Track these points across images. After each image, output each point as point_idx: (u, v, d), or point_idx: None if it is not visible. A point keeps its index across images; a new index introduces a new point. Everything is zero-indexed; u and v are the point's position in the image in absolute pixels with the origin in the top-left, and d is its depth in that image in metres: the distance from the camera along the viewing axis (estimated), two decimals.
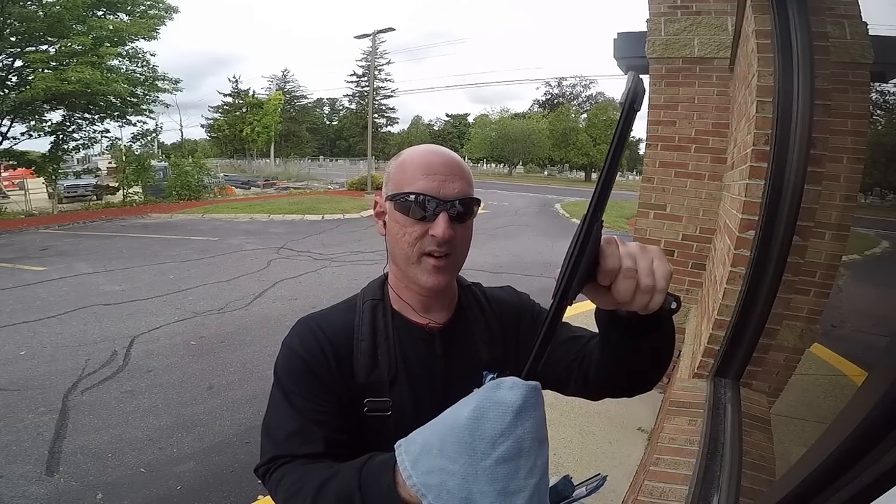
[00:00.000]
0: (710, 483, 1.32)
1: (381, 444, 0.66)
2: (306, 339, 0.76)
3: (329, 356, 0.74)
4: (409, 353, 0.78)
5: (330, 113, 57.28)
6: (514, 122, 40.15)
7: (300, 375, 0.74)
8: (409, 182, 0.71)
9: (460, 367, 0.80)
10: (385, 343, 0.77)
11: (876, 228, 2.34)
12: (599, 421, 2.96)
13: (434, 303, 0.80)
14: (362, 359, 0.75)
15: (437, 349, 0.79)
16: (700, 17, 2.93)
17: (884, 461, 0.52)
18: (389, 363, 0.76)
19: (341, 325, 0.78)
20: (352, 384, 0.74)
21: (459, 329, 0.82)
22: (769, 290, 1.67)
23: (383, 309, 0.80)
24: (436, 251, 0.71)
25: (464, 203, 0.72)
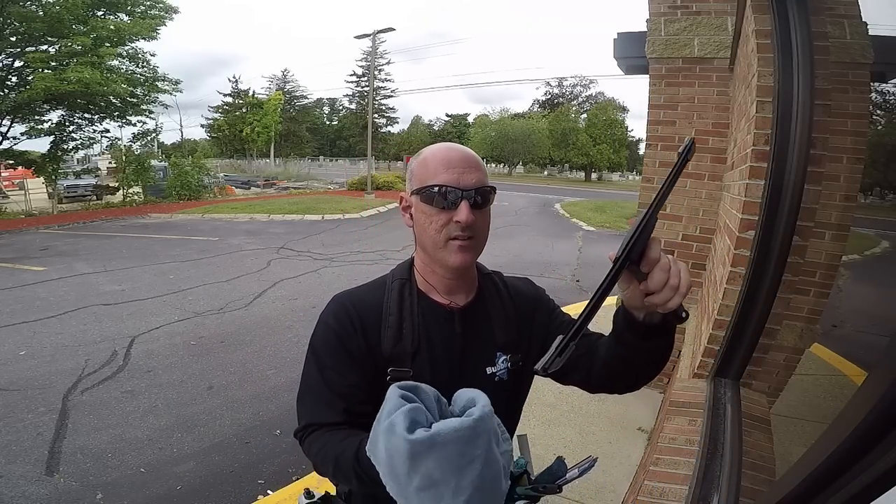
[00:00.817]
0: (710, 483, 1.32)
1: None
2: (341, 316, 0.85)
3: (359, 331, 0.83)
4: (432, 329, 0.86)
5: (330, 113, 57.28)
6: (514, 122, 40.12)
7: (334, 349, 0.84)
8: (431, 176, 0.81)
9: (477, 346, 0.87)
10: (410, 319, 0.85)
11: (876, 228, 2.34)
12: (599, 421, 2.96)
13: (456, 285, 0.88)
14: (389, 332, 0.84)
15: (457, 328, 0.87)
16: (700, 17, 2.93)
17: (884, 461, 0.52)
18: (413, 337, 0.84)
19: (372, 301, 0.87)
20: (378, 355, 0.83)
21: (479, 311, 0.89)
22: (769, 290, 1.67)
23: (410, 288, 0.88)
24: (460, 235, 0.80)
25: (481, 191, 0.82)
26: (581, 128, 38.97)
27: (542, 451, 2.62)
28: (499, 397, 0.81)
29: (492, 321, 0.90)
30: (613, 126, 38.26)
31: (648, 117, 3.13)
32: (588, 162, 38.68)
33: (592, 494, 2.29)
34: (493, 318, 0.90)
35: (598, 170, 40.65)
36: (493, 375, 0.88)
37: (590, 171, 40.57)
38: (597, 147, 37.48)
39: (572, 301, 5.61)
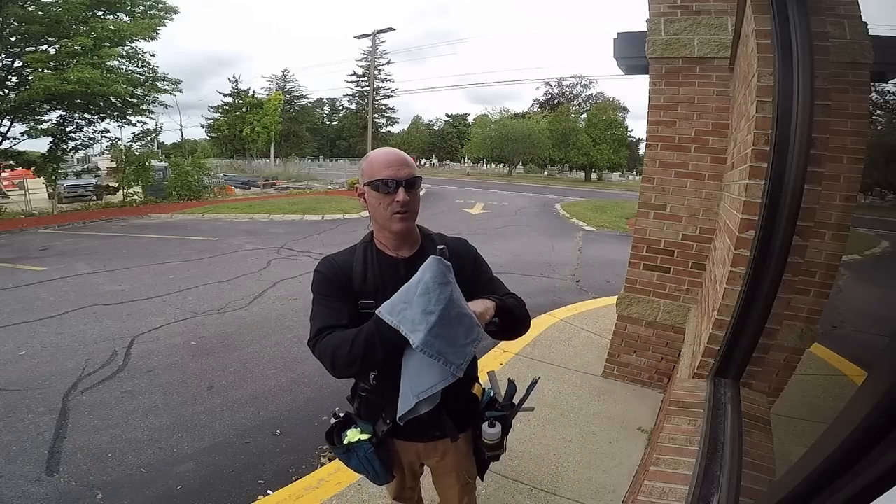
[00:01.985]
0: (710, 483, 1.32)
1: None
2: (328, 266, 1.29)
3: (340, 275, 1.27)
4: (385, 274, 1.27)
5: (330, 113, 57.26)
6: (513, 122, 40.11)
7: (327, 285, 1.27)
8: (377, 172, 1.21)
9: None
10: (371, 267, 1.28)
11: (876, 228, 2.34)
12: (599, 421, 2.96)
13: (401, 243, 1.30)
14: (357, 277, 1.26)
15: (402, 272, 1.25)
16: (700, 17, 2.92)
17: (884, 461, 0.52)
18: (374, 279, 1.26)
19: (346, 258, 1.30)
20: (351, 292, 1.26)
21: (418, 261, 1.19)
22: (769, 290, 1.67)
23: (371, 248, 1.31)
24: (400, 210, 1.21)
25: (411, 181, 1.22)
26: (581, 128, 38.94)
27: (542, 451, 2.63)
28: None
29: None
30: (613, 126, 38.24)
31: (648, 117, 3.13)
32: (588, 162, 38.66)
33: (592, 494, 2.29)
34: None
35: (598, 170, 40.65)
36: None
37: (590, 171, 40.55)
38: (597, 147, 37.46)
39: (572, 301, 5.61)
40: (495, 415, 1.36)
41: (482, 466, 1.51)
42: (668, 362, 3.30)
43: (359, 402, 1.38)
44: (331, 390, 3.47)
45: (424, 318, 1.05)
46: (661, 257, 3.22)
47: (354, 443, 1.31)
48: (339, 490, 2.28)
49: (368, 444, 1.31)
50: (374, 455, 1.32)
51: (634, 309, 3.36)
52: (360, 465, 1.34)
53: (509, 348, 3.98)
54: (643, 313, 3.33)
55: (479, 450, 1.42)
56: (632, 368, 3.47)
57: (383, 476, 1.37)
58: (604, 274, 7.15)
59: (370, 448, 1.31)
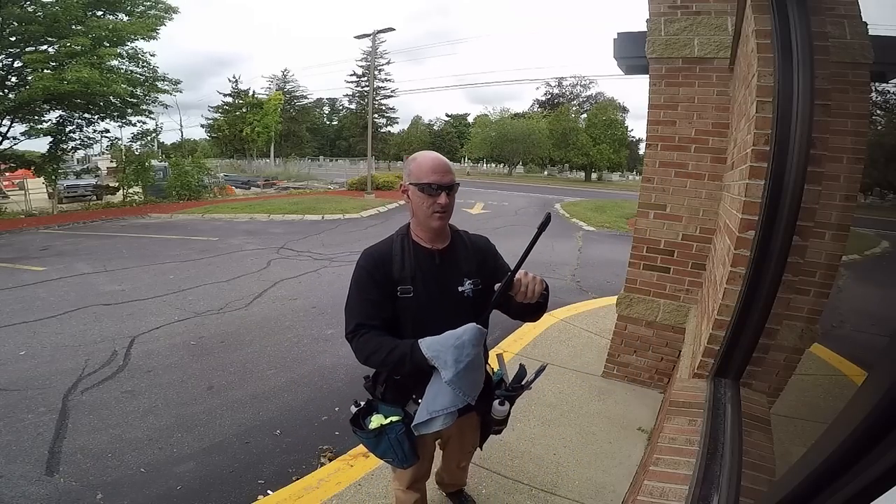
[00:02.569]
0: (710, 483, 1.32)
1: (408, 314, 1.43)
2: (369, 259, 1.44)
3: (379, 267, 1.42)
4: (422, 263, 1.44)
5: (330, 113, 57.28)
6: (513, 122, 40.10)
7: (367, 279, 1.42)
8: (424, 176, 1.37)
9: (450, 273, 1.46)
10: (408, 257, 1.43)
11: (876, 228, 2.34)
12: (599, 421, 2.96)
13: (436, 237, 1.47)
14: (396, 265, 1.42)
15: (437, 261, 1.46)
16: (700, 17, 2.92)
17: (884, 461, 0.52)
18: (411, 267, 1.42)
19: (385, 250, 1.46)
20: (391, 280, 1.41)
21: (451, 253, 1.48)
22: (769, 290, 1.67)
23: (407, 240, 1.47)
24: (440, 210, 1.38)
25: (452, 186, 1.40)
26: (581, 128, 38.94)
27: (542, 451, 2.62)
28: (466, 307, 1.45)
29: (459, 258, 1.49)
30: (613, 126, 38.23)
31: (648, 117, 3.12)
32: (588, 162, 38.67)
33: (592, 494, 2.29)
34: (459, 256, 1.49)
35: (598, 170, 40.65)
36: (462, 292, 1.46)
37: (590, 171, 40.56)
38: (597, 147, 37.46)
39: (572, 301, 5.61)
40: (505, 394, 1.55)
41: (483, 439, 1.77)
42: (668, 362, 3.30)
43: (384, 387, 1.50)
44: (330, 390, 3.47)
45: (455, 363, 1.31)
46: (661, 257, 3.22)
47: (386, 425, 1.43)
48: (340, 490, 2.28)
49: (401, 425, 1.42)
50: (405, 436, 1.43)
51: (634, 309, 3.36)
52: (388, 448, 1.45)
53: (509, 349, 3.98)
54: (643, 313, 3.33)
55: (487, 424, 1.64)
56: (632, 368, 3.47)
57: (411, 458, 1.47)
58: (604, 274, 7.15)
59: (402, 428, 1.42)
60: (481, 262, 1.49)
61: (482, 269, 1.47)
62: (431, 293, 1.42)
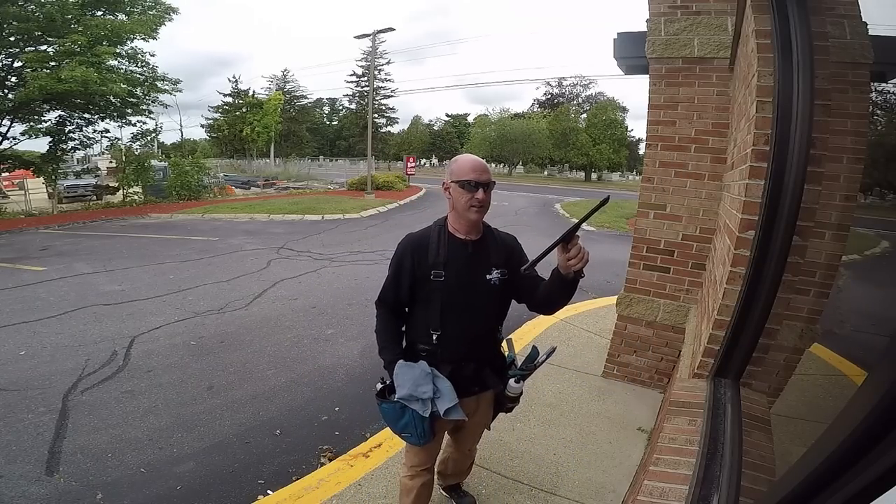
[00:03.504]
0: (710, 483, 1.32)
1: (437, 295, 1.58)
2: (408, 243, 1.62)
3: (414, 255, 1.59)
4: (456, 252, 1.58)
5: (330, 113, 57.28)
6: (513, 123, 40.10)
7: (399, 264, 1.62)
8: (465, 174, 1.51)
9: (481, 262, 1.60)
10: (444, 246, 1.58)
11: (876, 228, 2.33)
12: (599, 421, 2.96)
13: (471, 229, 1.60)
14: (432, 251, 1.57)
15: (469, 251, 1.59)
16: (700, 17, 2.92)
17: (884, 461, 0.52)
18: (445, 254, 1.57)
19: (424, 236, 1.62)
20: (426, 264, 1.57)
21: (482, 244, 1.62)
22: (769, 290, 1.67)
23: (444, 230, 1.61)
24: (477, 205, 1.52)
25: (489, 184, 1.53)
26: (581, 128, 38.94)
27: (542, 451, 2.62)
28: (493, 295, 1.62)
29: (489, 250, 1.62)
30: (613, 126, 38.22)
31: (648, 117, 3.12)
32: (588, 162, 38.66)
33: (592, 494, 2.29)
34: (490, 248, 1.63)
35: (598, 170, 40.65)
36: (489, 280, 1.60)
37: (590, 171, 40.55)
38: (596, 147, 37.45)
39: (572, 301, 5.60)
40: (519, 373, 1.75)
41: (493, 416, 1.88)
42: (668, 362, 3.30)
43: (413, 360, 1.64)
44: (330, 390, 3.47)
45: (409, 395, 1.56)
46: (661, 257, 3.22)
47: None
48: (339, 490, 2.28)
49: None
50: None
51: (634, 309, 3.36)
52: (410, 422, 1.58)
53: None
54: (643, 313, 3.33)
55: (501, 402, 1.80)
56: (632, 368, 3.47)
57: (429, 435, 1.60)
58: (604, 274, 7.15)
59: None
60: (509, 255, 1.63)
61: (509, 262, 1.61)
62: (462, 278, 1.57)
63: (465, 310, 1.58)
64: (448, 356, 1.61)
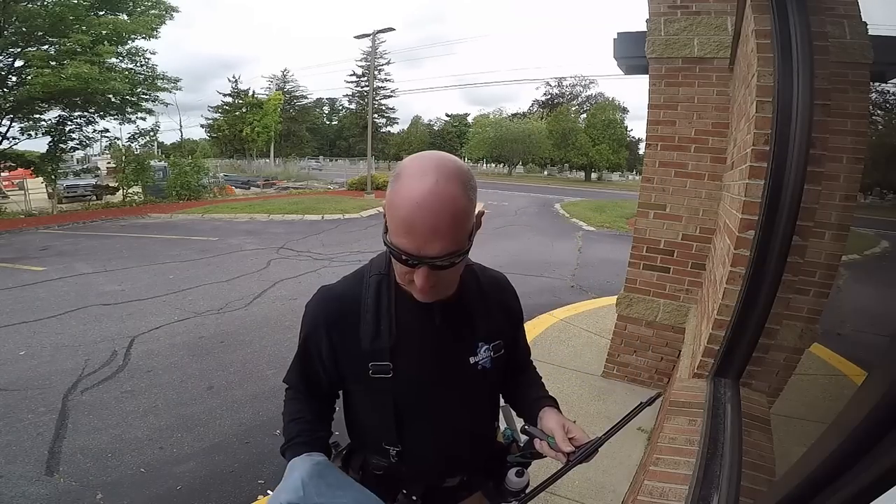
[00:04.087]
0: (710, 483, 1.32)
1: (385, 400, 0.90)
2: (319, 307, 0.93)
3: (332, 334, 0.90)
4: (411, 323, 0.89)
5: (330, 113, 57.26)
6: (511, 124, 40.10)
7: (304, 341, 0.95)
8: (395, 233, 0.75)
9: (458, 337, 0.92)
10: (387, 314, 0.88)
11: (876, 228, 2.34)
12: (599, 421, 2.96)
13: None
14: (367, 328, 0.88)
15: (437, 320, 0.89)
16: (700, 17, 2.92)
17: (884, 461, 0.52)
18: (391, 332, 0.88)
19: (352, 296, 0.91)
20: (357, 350, 0.89)
21: (459, 304, 0.91)
22: (769, 290, 1.67)
23: (388, 283, 0.90)
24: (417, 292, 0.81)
25: (444, 259, 0.75)
26: (581, 128, 38.94)
27: None
28: (480, 386, 0.97)
29: (472, 313, 0.94)
30: (612, 126, 38.23)
31: (648, 117, 3.13)
32: (588, 162, 38.67)
33: (592, 494, 2.29)
34: (473, 310, 0.94)
35: (598, 170, 40.65)
36: (475, 365, 0.94)
37: (589, 171, 40.55)
38: (596, 147, 37.46)
39: (572, 301, 5.61)
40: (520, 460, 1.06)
41: None
42: (668, 362, 3.30)
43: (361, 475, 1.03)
44: None
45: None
46: (660, 257, 3.22)
47: None
48: None
49: None
50: None
51: (634, 309, 3.36)
52: None
53: None
54: (643, 313, 3.33)
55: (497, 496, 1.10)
56: (632, 368, 3.47)
57: None
58: (604, 274, 7.15)
59: None
60: (503, 312, 0.99)
61: (503, 325, 0.98)
62: (425, 370, 0.90)
63: (437, 415, 0.93)
64: (417, 475, 0.98)
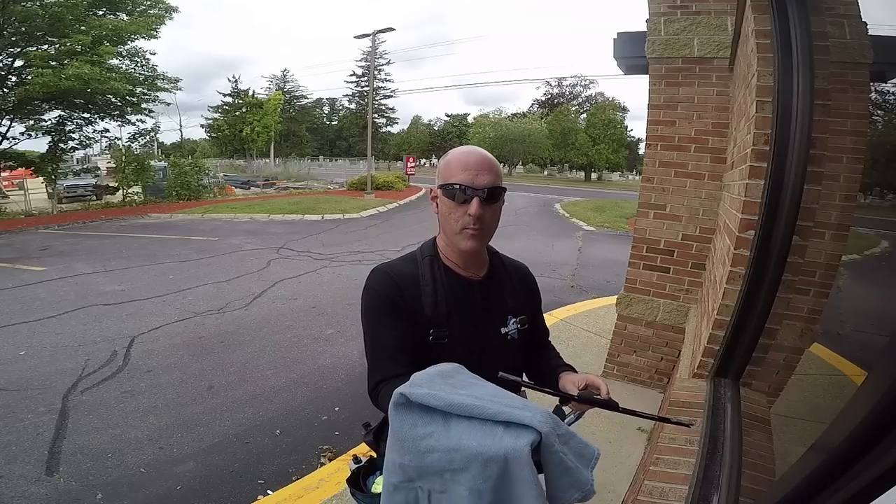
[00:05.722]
0: (710, 483, 1.32)
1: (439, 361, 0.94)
2: (384, 281, 1.05)
3: (403, 292, 1.03)
4: (459, 297, 1.07)
5: (330, 113, 57.27)
6: (512, 124, 40.09)
7: (385, 307, 1.03)
8: (452, 175, 1.00)
9: (493, 310, 1.11)
10: (442, 289, 1.06)
11: (876, 228, 2.33)
12: (599, 421, 2.96)
13: (472, 262, 1.10)
14: (428, 299, 1.04)
15: (478, 295, 1.09)
16: (700, 17, 2.92)
17: (884, 461, 0.52)
18: (447, 303, 1.05)
19: (408, 273, 1.06)
20: (420, 317, 1.02)
21: (493, 283, 1.12)
22: (769, 290, 1.67)
23: (438, 263, 1.09)
24: (471, 227, 1.00)
25: (491, 191, 1.00)
26: (580, 128, 38.93)
27: None
28: (510, 352, 1.13)
29: (503, 291, 1.14)
30: (612, 126, 38.21)
31: (648, 117, 3.13)
32: (588, 162, 38.66)
33: None
34: (504, 288, 1.14)
35: (598, 170, 40.65)
36: (506, 335, 1.11)
37: (589, 171, 40.55)
38: (595, 147, 37.45)
39: (572, 301, 5.61)
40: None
41: None
42: (668, 362, 3.30)
43: None
44: (330, 390, 3.47)
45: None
46: (660, 257, 3.22)
47: None
48: (339, 490, 2.28)
49: None
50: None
51: (634, 309, 3.36)
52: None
53: None
54: (643, 313, 3.33)
55: None
56: (632, 368, 3.47)
57: None
58: (604, 274, 7.15)
59: None
60: (526, 293, 1.18)
61: (526, 303, 1.17)
62: (469, 338, 1.06)
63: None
64: None
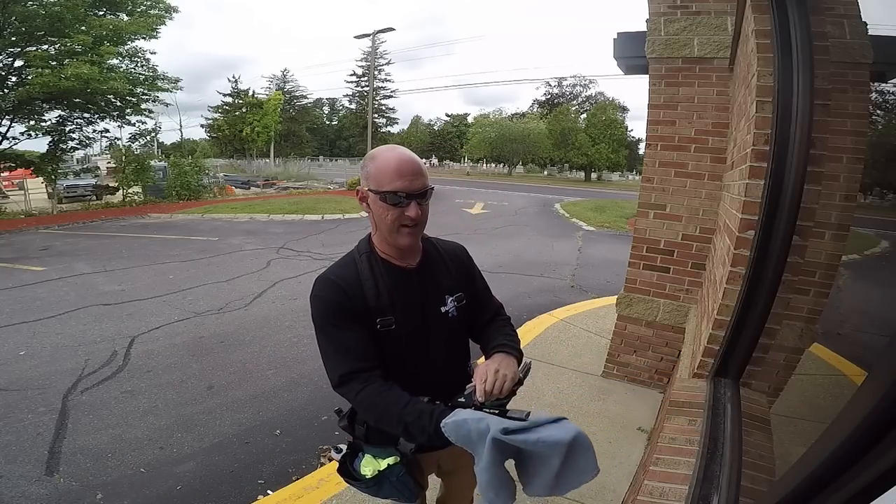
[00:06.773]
0: (710, 483, 1.32)
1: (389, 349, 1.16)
2: (328, 287, 1.15)
3: (347, 293, 1.13)
4: (399, 285, 1.18)
5: (330, 113, 57.29)
6: (512, 124, 40.07)
7: (335, 312, 1.13)
8: (387, 182, 1.08)
9: (431, 293, 1.23)
10: (382, 280, 1.16)
11: (876, 228, 2.33)
12: (599, 421, 2.96)
13: (407, 253, 1.21)
14: (371, 292, 1.14)
15: (415, 282, 1.21)
16: (700, 17, 2.92)
17: (884, 461, 0.52)
18: (388, 293, 1.16)
19: (349, 275, 1.17)
20: (366, 311, 1.13)
21: (427, 268, 1.24)
22: (769, 290, 1.67)
23: (375, 258, 1.20)
24: (409, 225, 1.11)
25: (424, 193, 1.11)
26: (580, 128, 38.91)
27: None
28: (452, 329, 1.26)
29: (437, 273, 1.25)
30: (612, 126, 38.20)
31: (648, 117, 3.12)
32: (588, 162, 38.64)
33: (592, 494, 2.29)
34: (437, 271, 1.25)
35: (598, 170, 40.64)
36: (446, 313, 1.24)
37: (589, 171, 40.53)
38: (595, 147, 37.43)
39: (571, 301, 5.61)
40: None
41: None
42: (668, 362, 3.30)
43: (366, 429, 1.26)
44: (330, 390, 3.46)
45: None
46: (660, 257, 3.22)
47: (384, 469, 1.22)
48: (339, 490, 2.28)
49: (400, 467, 1.22)
50: (408, 475, 1.23)
51: (634, 309, 3.36)
52: (393, 490, 1.24)
53: None
54: (643, 313, 3.33)
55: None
56: (632, 368, 3.47)
57: (417, 492, 1.27)
58: (604, 274, 7.15)
59: (402, 469, 1.22)
60: (461, 272, 1.30)
61: (462, 281, 1.28)
62: (413, 320, 1.18)
63: (421, 360, 1.21)
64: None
